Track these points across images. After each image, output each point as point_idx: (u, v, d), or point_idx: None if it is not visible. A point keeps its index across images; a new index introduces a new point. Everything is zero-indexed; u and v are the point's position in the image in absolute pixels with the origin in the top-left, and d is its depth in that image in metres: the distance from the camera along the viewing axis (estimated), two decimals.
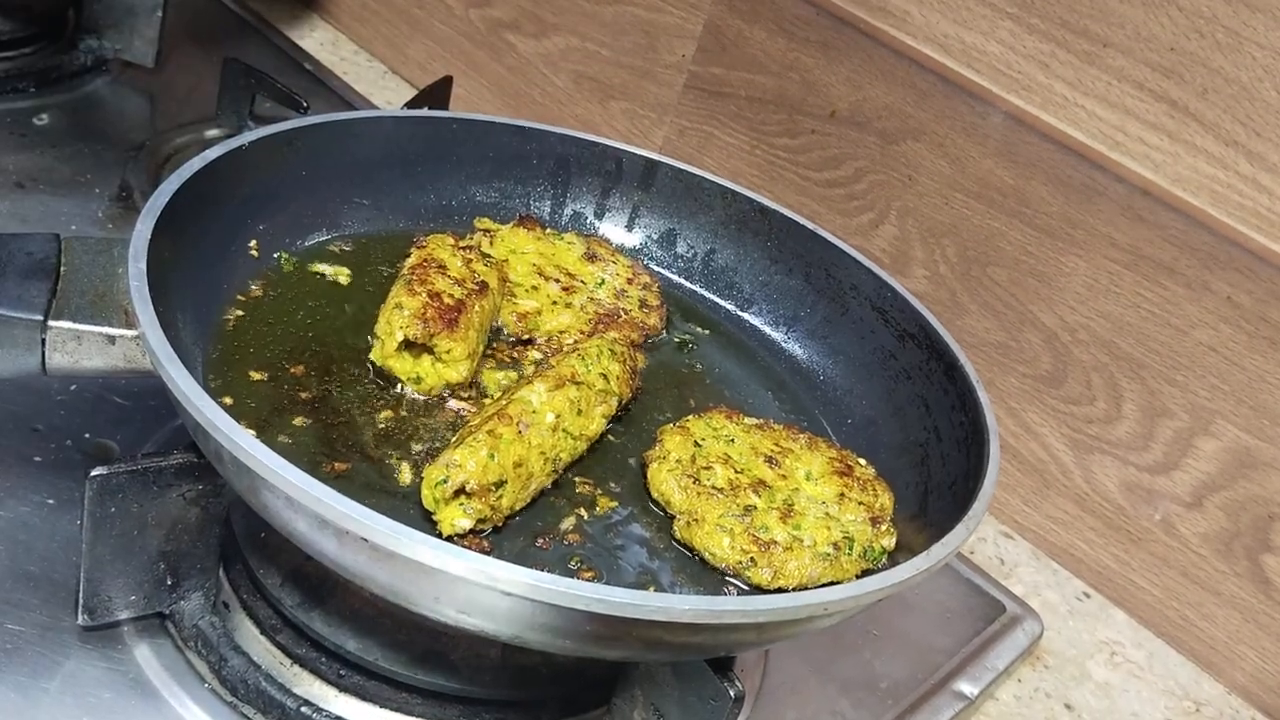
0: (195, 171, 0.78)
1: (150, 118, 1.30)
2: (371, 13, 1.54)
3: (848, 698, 0.87)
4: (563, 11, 1.35)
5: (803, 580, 0.73)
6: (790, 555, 0.73)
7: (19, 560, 0.78)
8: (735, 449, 0.81)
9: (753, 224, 1.00)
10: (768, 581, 0.73)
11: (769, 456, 0.81)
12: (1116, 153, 0.98)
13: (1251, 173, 0.92)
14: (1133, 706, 0.98)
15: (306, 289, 0.87)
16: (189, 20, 1.43)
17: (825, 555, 0.74)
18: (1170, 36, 0.93)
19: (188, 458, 0.70)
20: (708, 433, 0.81)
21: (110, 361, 0.72)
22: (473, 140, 0.99)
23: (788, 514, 0.76)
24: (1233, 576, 1.00)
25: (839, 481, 0.80)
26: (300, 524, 0.61)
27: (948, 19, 1.05)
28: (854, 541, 0.75)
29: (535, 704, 0.76)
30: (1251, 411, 0.96)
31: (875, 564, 0.76)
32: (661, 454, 0.79)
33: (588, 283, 0.94)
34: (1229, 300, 0.95)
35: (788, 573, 0.73)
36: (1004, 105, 1.03)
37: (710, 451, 0.80)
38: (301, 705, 0.73)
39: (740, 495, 0.77)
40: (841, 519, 0.77)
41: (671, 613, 0.57)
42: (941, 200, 1.09)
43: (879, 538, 0.77)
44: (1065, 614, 1.05)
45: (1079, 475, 1.07)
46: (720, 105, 1.23)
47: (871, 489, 0.80)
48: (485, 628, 0.61)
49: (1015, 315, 1.07)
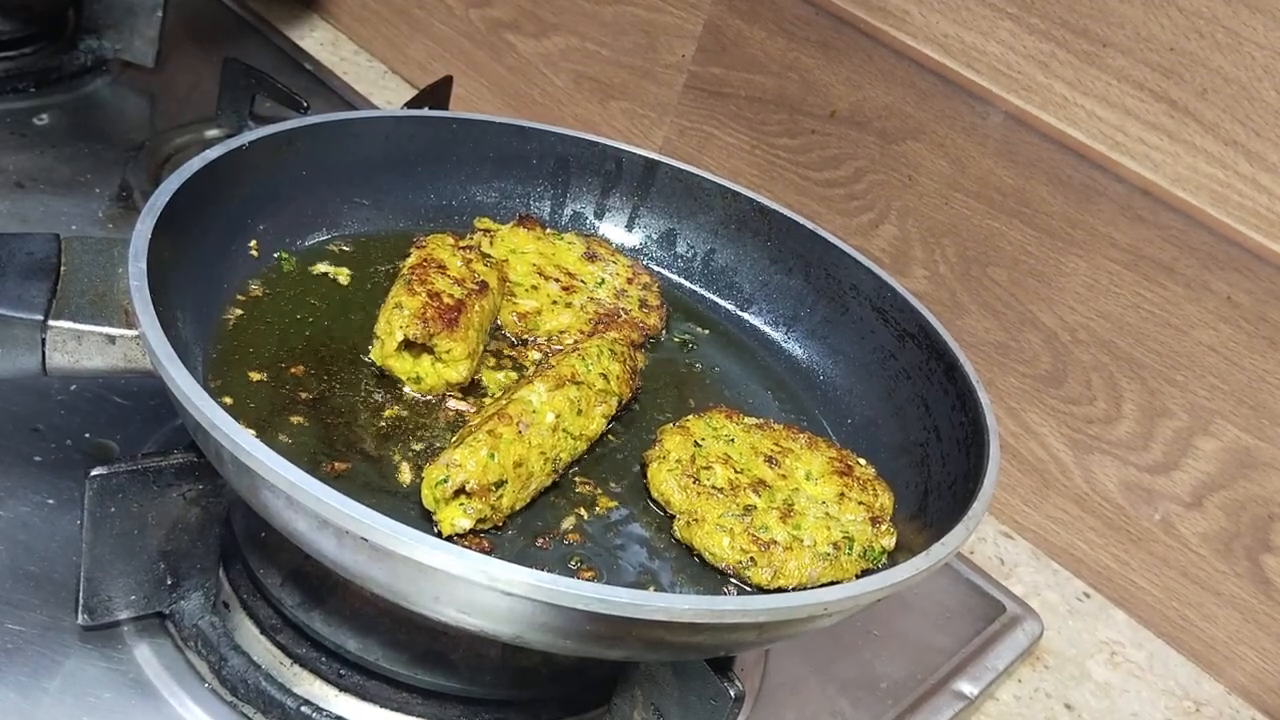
0: (195, 171, 0.78)
1: (150, 118, 1.30)
2: (371, 13, 1.54)
3: (847, 698, 0.87)
4: (563, 11, 1.35)
5: (802, 580, 0.73)
6: (790, 555, 0.73)
7: (19, 560, 0.78)
8: (735, 449, 0.81)
9: (752, 224, 0.99)
10: (768, 581, 0.73)
11: (769, 456, 0.81)
12: (1116, 153, 0.98)
13: (1251, 172, 0.92)
14: (1133, 707, 0.98)
15: (306, 289, 0.87)
16: (189, 20, 1.43)
17: (825, 555, 0.74)
18: (1170, 36, 0.94)
19: (188, 458, 0.70)
20: (707, 432, 0.81)
21: (110, 361, 0.72)
22: (473, 140, 0.99)
23: (787, 514, 0.76)
24: (1233, 576, 1.00)
25: (839, 481, 0.80)
26: (300, 524, 0.61)
27: (948, 19, 1.05)
28: (854, 541, 0.75)
29: (535, 704, 0.76)
30: (1251, 411, 0.96)
31: (875, 564, 0.76)
32: (661, 454, 0.79)
33: (588, 282, 0.94)
34: (1229, 300, 0.95)
35: (788, 572, 0.73)
36: (1004, 105, 1.03)
37: (710, 451, 0.79)
38: (301, 705, 0.73)
39: (740, 495, 0.77)
40: (841, 519, 0.77)
41: (672, 612, 0.57)
42: (941, 200, 1.09)
43: (879, 538, 0.77)
44: (1065, 614, 1.05)
45: (1079, 475, 1.07)
46: (720, 105, 1.23)
47: (871, 489, 0.80)
48: (485, 627, 0.61)
49: (1015, 315, 1.07)
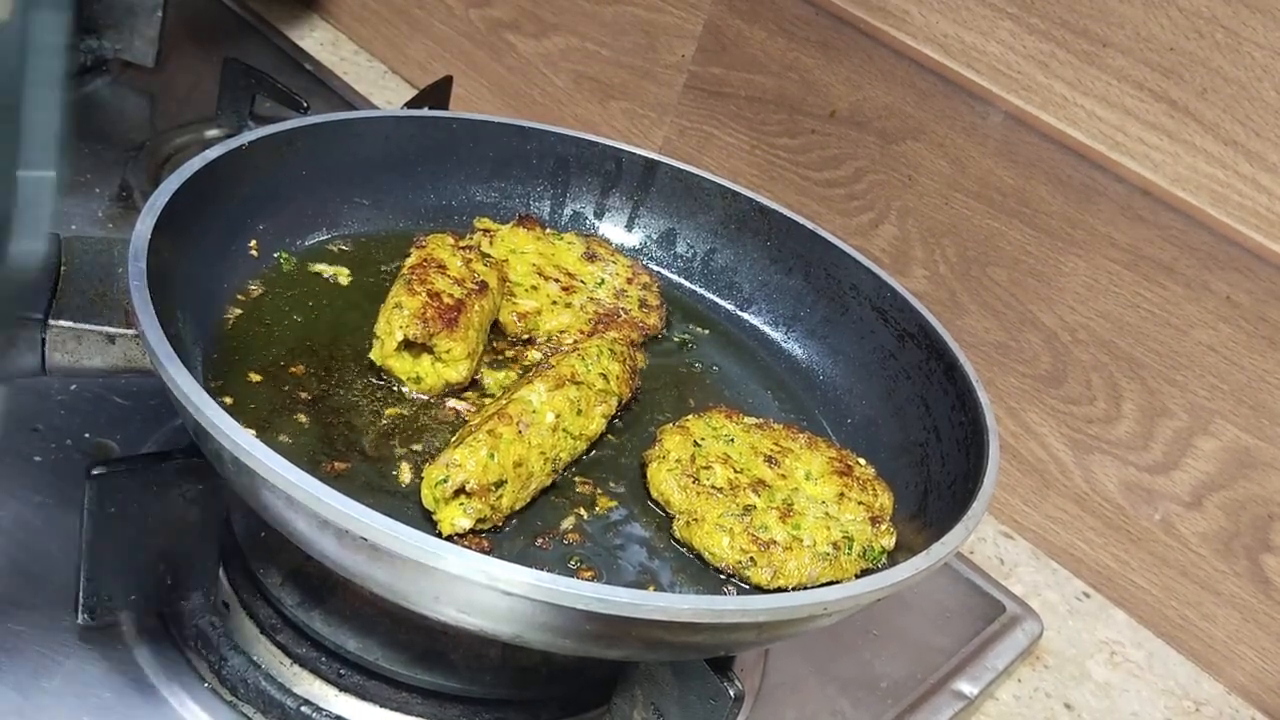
0: (195, 171, 0.78)
1: (150, 118, 1.30)
2: (371, 13, 1.54)
3: (847, 697, 0.87)
4: (563, 11, 1.35)
5: (802, 580, 0.73)
6: (790, 555, 0.73)
7: (19, 560, 0.78)
8: (735, 448, 0.81)
9: (752, 223, 0.99)
10: (767, 581, 0.73)
11: (768, 456, 0.81)
12: (1116, 152, 0.98)
13: (1251, 172, 0.92)
14: (1132, 706, 0.98)
15: (306, 289, 0.87)
16: (189, 20, 1.43)
17: (825, 555, 0.74)
18: (1170, 36, 0.94)
19: (188, 458, 0.70)
20: (707, 432, 0.81)
21: (110, 361, 0.72)
22: (472, 140, 0.99)
23: (787, 514, 0.76)
24: (1232, 576, 1.00)
25: (838, 481, 0.80)
26: (300, 524, 0.61)
27: (948, 19, 1.05)
28: (854, 541, 0.75)
29: (535, 704, 0.76)
30: (1251, 411, 0.96)
31: (875, 563, 0.76)
32: (661, 453, 0.79)
33: (587, 282, 0.94)
34: (1228, 300, 0.95)
35: (787, 572, 0.73)
36: (1004, 105, 1.03)
37: (710, 451, 0.79)
38: (301, 705, 0.73)
39: (740, 495, 0.77)
40: (841, 518, 0.77)
41: (671, 612, 0.57)
42: (941, 200, 1.09)
43: (879, 537, 0.77)
44: (1065, 614, 1.05)
45: (1079, 475, 1.07)
46: (720, 105, 1.23)
47: (871, 489, 0.80)
48: (485, 627, 0.61)
49: (1015, 315, 1.07)
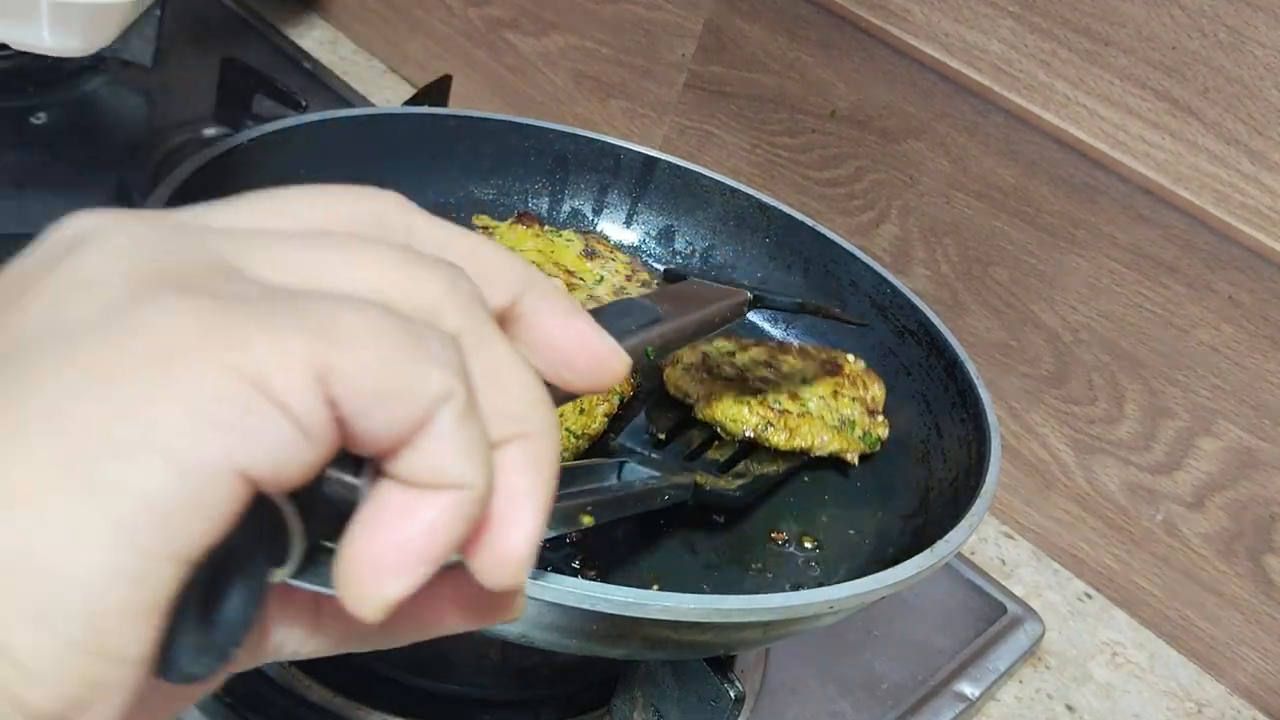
0: (194, 170, 0.77)
1: (149, 117, 1.29)
2: (371, 12, 1.54)
3: (848, 698, 0.87)
4: (562, 10, 1.35)
5: (813, 443, 0.79)
6: (803, 420, 0.79)
7: None
8: (738, 358, 0.87)
9: (751, 220, 0.99)
10: (784, 442, 0.78)
11: (767, 363, 0.87)
12: (1118, 152, 0.98)
13: (1254, 171, 0.92)
14: (1134, 707, 0.98)
15: None
16: (188, 19, 1.42)
17: (834, 426, 0.80)
18: (1172, 35, 0.93)
19: None
20: (711, 349, 0.88)
21: None
22: (470, 137, 0.98)
23: (794, 400, 0.82)
24: (1234, 577, 1.00)
25: (831, 381, 0.85)
26: None
27: (949, 17, 1.05)
28: (855, 425, 0.82)
29: (535, 704, 0.76)
30: (1253, 411, 0.96)
31: (873, 448, 0.82)
32: (673, 361, 0.85)
33: (587, 280, 0.94)
34: (1231, 300, 0.95)
35: (802, 434, 0.79)
36: (1005, 104, 1.03)
37: (717, 358, 0.86)
38: (301, 705, 0.72)
39: (751, 383, 0.83)
40: (839, 410, 0.83)
41: (676, 611, 0.57)
42: (942, 199, 1.09)
43: (874, 427, 0.83)
44: (1066, 615, 1.05)
45: (1080, 476, 1.07)
46: (720, 104, 1.23)
47: (862, 382, 0.86)
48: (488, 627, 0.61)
49: (1017, 315, 1.07)
